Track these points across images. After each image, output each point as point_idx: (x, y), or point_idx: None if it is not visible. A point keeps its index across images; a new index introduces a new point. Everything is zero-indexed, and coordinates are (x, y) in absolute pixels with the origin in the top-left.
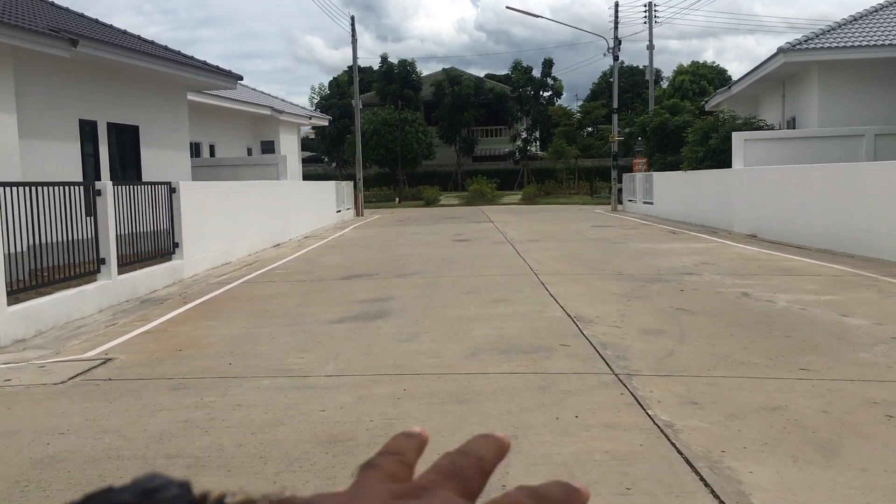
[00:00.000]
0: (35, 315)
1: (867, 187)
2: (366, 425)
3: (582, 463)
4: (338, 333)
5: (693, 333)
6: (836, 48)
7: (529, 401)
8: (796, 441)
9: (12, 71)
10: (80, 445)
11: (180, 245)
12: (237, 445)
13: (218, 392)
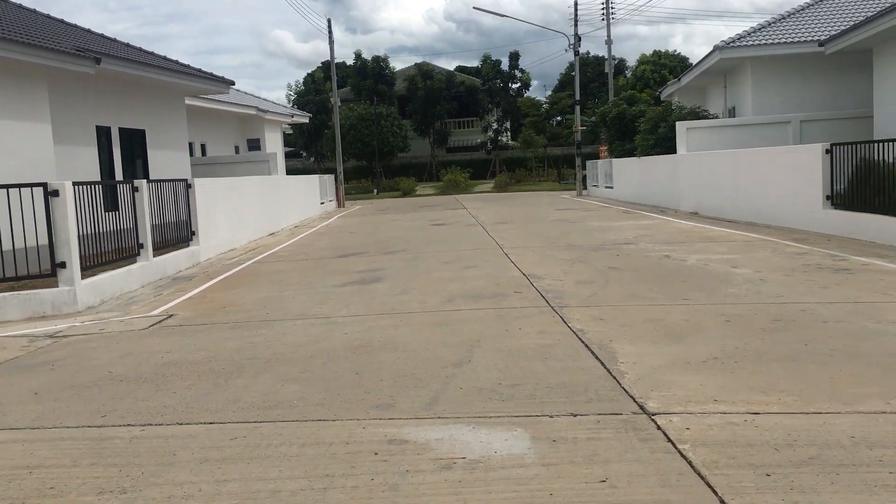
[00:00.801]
0: (99, 287)
1: (776, 168)
2: (377, 339)
3: (520, 349)
4: (344, 293)
5: (615, 282)
6: (765, 45)
7: (489, 323)
8: (659, 335)
9: (46, 87)
10: (184, 357)
11: (196, 233)
12: (292, 352)
13: (266, 328)
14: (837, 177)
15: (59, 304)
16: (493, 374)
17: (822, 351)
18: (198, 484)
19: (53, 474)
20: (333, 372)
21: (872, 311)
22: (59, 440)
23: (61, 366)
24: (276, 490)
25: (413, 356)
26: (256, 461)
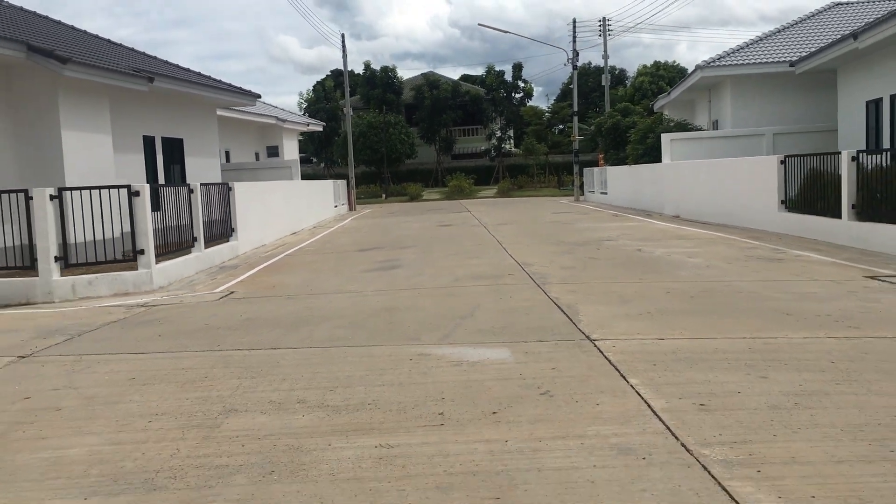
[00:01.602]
0: (167, 272)
1: (743, 176)
2: (401, 304)
3: (509, 308)
4: (369, 276)
5: (590, 268)
6: (743, 64)
7: (487, 295)
8: (613, 300)
9: (108, 103)
10: (257, 316)
11: (236, 230)
12: (338, 312)
13: (313, 299)
14: (790, 184)
15: (138, 284)
16: (488, 322)
17: (725, 309)
18: (299, 374)
19: (202, 372)
20: (372, 323)
21: (779, 286)
22: (195, 356)
23: (165, 321)
24: (349, 375)
25: (430, 313)
26: (333, 364)
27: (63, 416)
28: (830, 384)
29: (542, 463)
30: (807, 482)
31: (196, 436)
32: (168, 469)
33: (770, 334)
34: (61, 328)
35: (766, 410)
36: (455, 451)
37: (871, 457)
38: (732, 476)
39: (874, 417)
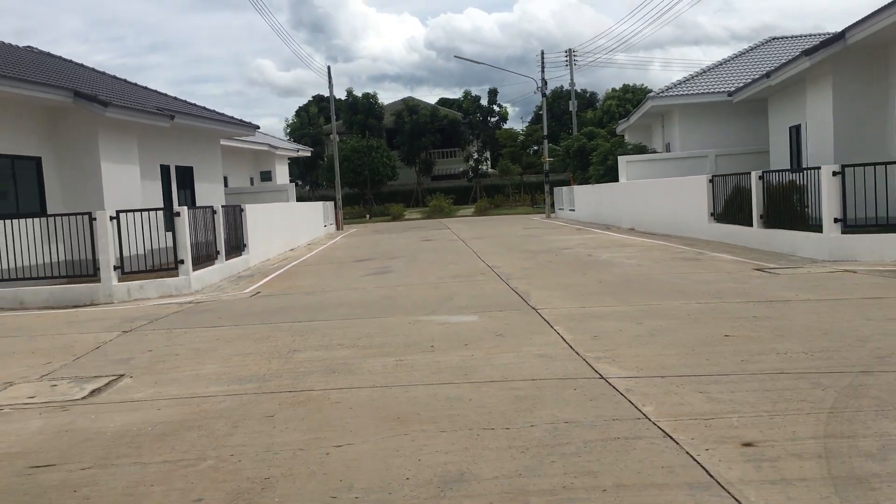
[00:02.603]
0: (199, 278)
1: (683, 193)
2: (397, 294)
3: (479, 294)
4: (368, 279)
5: (546, 269)
6: (688, 94)
7: (462, 287)
8: (557, 288)
9: (136, 138)
10: (287, 305)
11: (247, 246)
12: (350, 301)
13: (327, 294)
14: (717, 199)
15: (179, 288)
16: (463, 302)
17: (636, 291)
18: (333, 333)
19: (265, 334)
20: (377, 306)
21: (685, 277)
22: (254, 327)
23: (217, 311)
24: (368, 333)
25: (419, 299)
26: (356, 328)
27: (183, 358)
28: (679, 326)
29: (493, 362)
30: (638, 362)
31: (278, 361)
32: (269, 374)
33: (658, 303)
34: (139, 317)
35: (632, 337)
36: (441, 359)
37: (680, 354)
38: (598, 362)
39: (692, 339)
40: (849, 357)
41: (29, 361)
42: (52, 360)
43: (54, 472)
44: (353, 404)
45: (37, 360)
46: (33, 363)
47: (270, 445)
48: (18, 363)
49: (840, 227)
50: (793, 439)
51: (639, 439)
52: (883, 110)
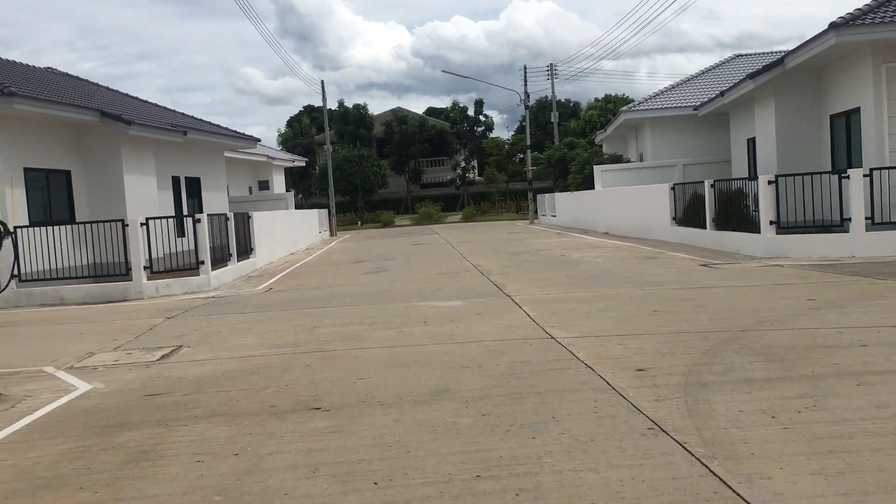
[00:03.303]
0: (217, 277)
1: (650, 199)
2: (394, 288)
3: (464, 286)
4: (367, 277)
5: (523, 266)
6: (658, 108)
7: (450, 281)
8: (530, 281)
9: (153, 152)
10: (299, 297)
11: (254, 249)
12: (354, 294)
13: (333, 289)
14: (679, 205)
15: (200, 285)
16: (450, 292)
17: (595, 283)
18: (345, 315)
19: (288, 316)
20: (379, 296)
21: (640, 271)
22: (278, 312)
23: (239, 303)
24: (373, 314)
25: (413, 290)
26: (363, 311)
27: (225, 334)
28: (621, 306)
29: (472, 331)
30: (581, 329)
31: (303, 334)
32: (299, 342)
33: (610, 290)
34: (175, 308)
35: (582, 313)
36: (433, 330)
37: (614, 323)
38: (552, 329)
39: (628, 313)
40: (737, 322)
41: (98, 339)
42: (117, 338)
43: (164, 397)
44: (368, 358)
45: (105, 339)
46: (102, 340)
47: (313, 379)
48: (90, 341)
49: (775, 229)
50: (670, 367)
51: (568, 370)
52: (818, 126)
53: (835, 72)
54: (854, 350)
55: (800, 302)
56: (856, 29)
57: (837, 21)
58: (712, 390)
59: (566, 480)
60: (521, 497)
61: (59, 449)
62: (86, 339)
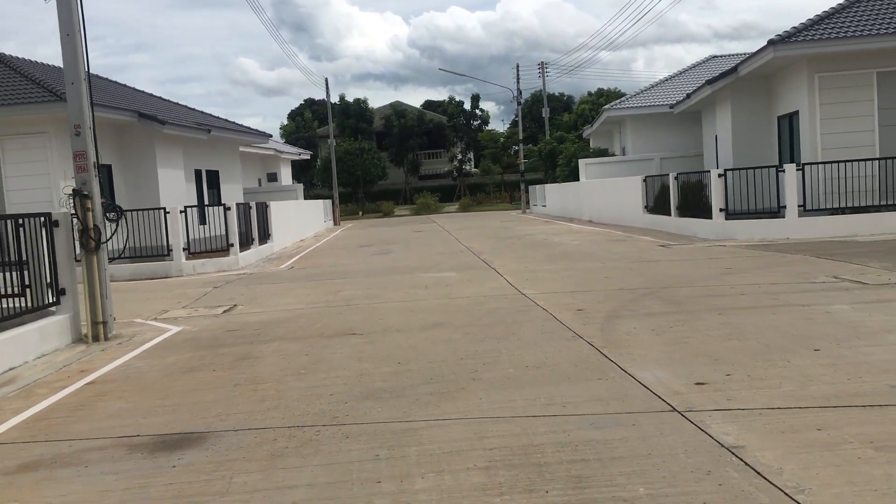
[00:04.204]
0: (244, 258)
1: (626, 190)
2: (398, 264)
3: (457, 263)
4: (374, 258)
5: (509, 248)
6: (638, 107)
7: (446, 259)
8: (513, 259)
9: (181, 148)
10: (319, 273)
11: (272, 235)
12: (364, 270)
13: (346, 266)
14: (651, 195)
15: (230, 265)
16: (446, 266)
17: (567, 259)
18: (362, 283)
19: (315, 285)
20: (387, 270)
21: (607, 251)
22: (305, 282)
23: (268, 278)
24: (383, 282)
25: (415, 265)
26: (376, 280)
27: (268, 296)
28: (580, 274)
29: (463, 292)
30: (545, 289)
31: (331, 295)
32: (329, 301)
33: (576, 264)
34: (217, 281)
35: (548, 280)
36: (433, 291)
37: (571, 285)
38: (524, 289)
39: (584, 279)
40: (662, 283)
41: (165, 302)
42: (180, 301)
43: (240, 332)
44: (384, 308)
45: (171, 301)
46: (170, 302)
47: (346, 320)
48: (159, 303)
49: (724, 215)
50: (600, 308)
51: (529, 311)
52: (768, 125)
53: (780, 79)
54: (732, 297)
55: (718, 270)
56: (791, 45)
57: (775, 38)
58: (621, 319)
59: (515, 357)
60: (486, 365)
61: (183, 357)
62: (155, 302)
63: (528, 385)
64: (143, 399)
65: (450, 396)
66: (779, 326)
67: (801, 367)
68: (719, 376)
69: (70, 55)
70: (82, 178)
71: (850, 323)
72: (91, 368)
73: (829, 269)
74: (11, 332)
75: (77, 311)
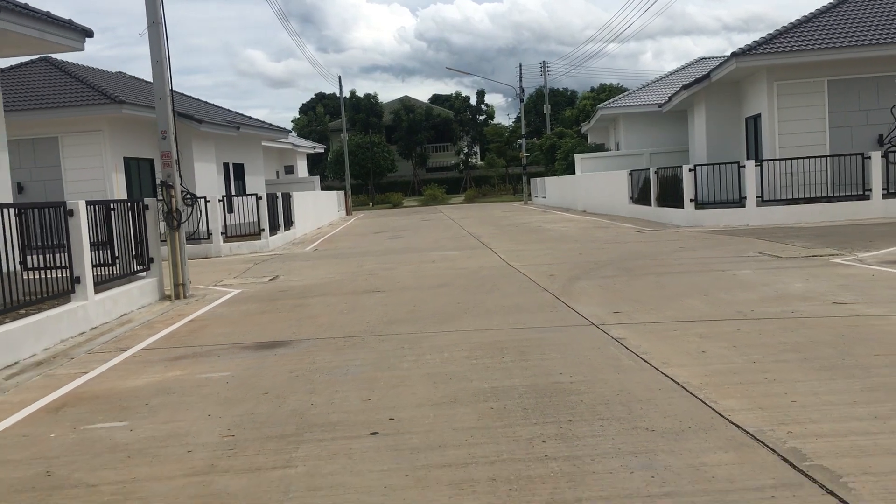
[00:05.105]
0: (273, 241)
1: (615, 183)
2: (410, 245)
3: (461, 244)
4: (388, 241)
5: (507, 233)
6: (629, 105)
7: (451, 241)
8: (510, 243)
9: (214, 144)
10: (340, 253)
11: (294, 223)
12: (382, 249)
13: (363, 248)
14: (635, 187)
15: (261, 247)
16: (450, 248)
17: (553, 242)
18: (380, 260)
19: (339, 261)
20: (400, 251)
21: (590, 235)
22: (330, 258)
23: (298, 256)
24: (398, 259)
25: (424, 247)
26: (391, 258)
27: (303, 270)
28: (561, 252)
29: (464, 265)
30: (529, 261)
31: (356, 269)
32: (354, 272)
33: (559, 245)
34: (252, 260)
35: (533, 256)
36: (439, 265)
37: (550, 259)
38: (511, 263)
39: (562, 255)
40: (623, 257)
41: (217, 274)
42: (229, 273)
43: (289, 292)
44: (399, 275)
45: (221, 274)
46: (220, 275)
47: (371, 283)
48: (211, 276)
49: (694, 205)
50: (567, 274)
51: (513, 276)
52: (737, 125)
53: (747, 85)
54: (672, 266)
55: (673, 248)
56: (751, 57)
57: (737, 51)
58: (580, 280)
59: (497, 302)
60: (475, 306)
61: (252, 306)
62: (208, 275)
63: (502, 315)
64: (236, 327)
65: (448, 321)
66: (693, 283)
67: (688, 304)
68: (631, 309)
69: (159, 77)
70: (167, 172)
71: (742, 281)
72: (186, 313)
73: (761, 247)
74: (122, 288)
75: (161, 276)
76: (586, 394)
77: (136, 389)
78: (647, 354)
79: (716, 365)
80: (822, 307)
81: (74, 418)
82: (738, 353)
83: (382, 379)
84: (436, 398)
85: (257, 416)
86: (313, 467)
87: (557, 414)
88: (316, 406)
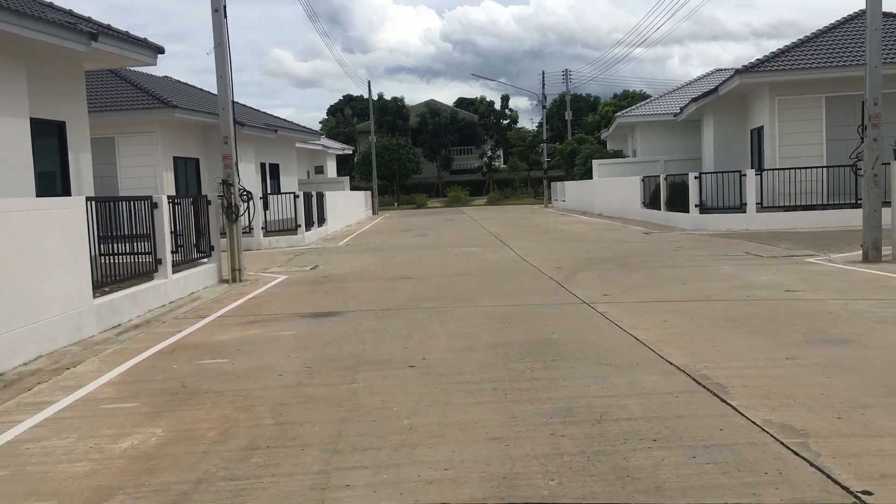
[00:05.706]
0: (308, 236)
1: (629, 188)
2: (435, 243)
3: (482, 242)
4: (414, 239)
5: (524, 233)
6: (646, 115)
7: (473, 239)
8: (526, 241)
9: (253, 147)
10: (371, 248)
11: (327, 220)
12: (409, 245)
13: (392, 244)
14: (647, 192)
15: (298, 241)
16: (472, 245)
17: (565, 241)
18: (408, 255)
19: (370, 254)
20: (425, 246)
21: (601, 235)
22: (361, 252)
23: (332, 250)
24: (426, 254)
25: (448, 243)
26: (418, 253)
27: (339, 261)
28: (571, 249)
29: (484, 258)
30: (541, 256)
31: (386, 260)
32: (385, 263)
33: (570, 244)
34: (291, 252)
35: (545, 252)
36: (461, 259)
37: (560, 255)
38: (526, 258)
39: (571, 252)
40: (624, 254)
41: (262, 264)
42: (273, 263)
43: (329, 276)
44: (427, 267)
45: (266, 263)
46: (265, 264)
47: (401, 271)
48: (257, 265)
49: (699, 210)
50: (572, 267)
51: (525, 269)
52: (743, 136)
53: (752, 99)
54: (664, 261)
55: (671, 248)
56: (754, 74)
57: (741, 68)
58: (582, 272)
59: (509, 287)
60: (491, 290)
61: (301, 288)
62: (255, 264)
63: (512, 296)
64: (292, 302)
65: (467, 300)
66: (677, 275)
67: (667, 290)
68: (618, 293)
69: (222, 90)
70: (228, 172)
71: (720, 275)
72: (246, 292)
73: (750, 248)
74: (192, 270)
75: (220, 262)
76: (569, 344)
77: (225, 342)
78: (622, 322)
79: (671, 330)
80: (774, 293)
81: (186, 357)
82: (692, 322)
83: (415, 336)
84: (456, 347)
85: (325, 357)
86: (371, 383)
87: (545, 357)
88: (367, 351)
